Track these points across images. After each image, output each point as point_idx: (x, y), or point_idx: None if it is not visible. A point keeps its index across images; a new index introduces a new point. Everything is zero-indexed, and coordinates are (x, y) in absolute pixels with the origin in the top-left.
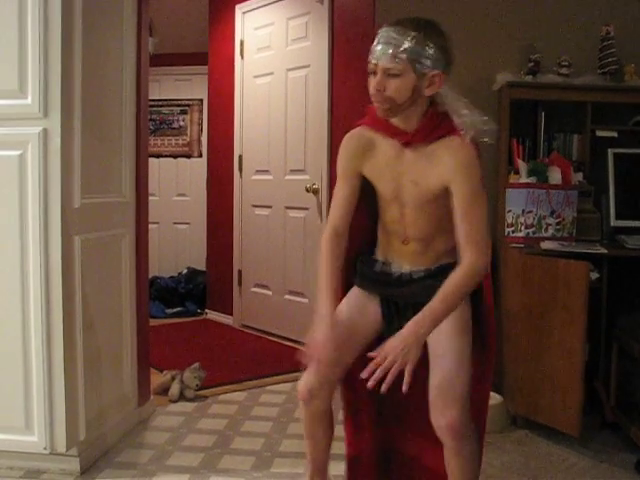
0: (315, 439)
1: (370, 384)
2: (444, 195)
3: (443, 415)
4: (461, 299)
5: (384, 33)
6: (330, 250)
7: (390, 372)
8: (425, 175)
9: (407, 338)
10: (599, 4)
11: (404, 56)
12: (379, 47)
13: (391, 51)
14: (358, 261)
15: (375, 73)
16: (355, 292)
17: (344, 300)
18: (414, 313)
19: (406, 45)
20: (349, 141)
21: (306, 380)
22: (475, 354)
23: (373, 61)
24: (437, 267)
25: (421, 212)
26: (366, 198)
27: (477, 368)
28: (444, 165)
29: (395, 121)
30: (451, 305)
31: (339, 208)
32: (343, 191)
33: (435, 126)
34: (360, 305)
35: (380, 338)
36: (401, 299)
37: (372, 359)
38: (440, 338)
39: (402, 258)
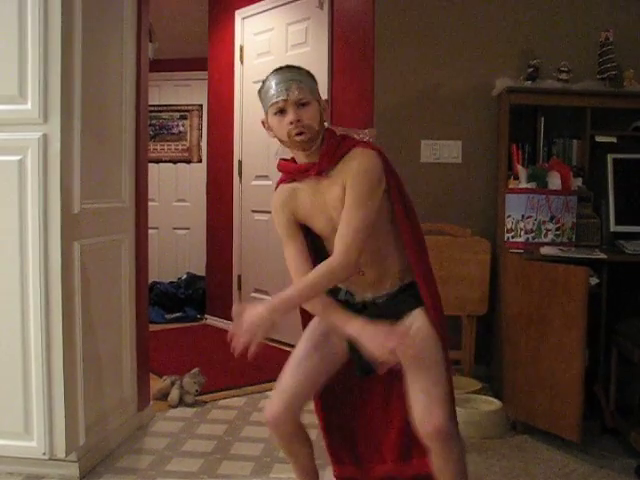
0: (295, 456)
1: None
2: None
3: (429, 421)
4: (316, 293)
5: (278, 76)
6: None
7: (238, 342)
8: (342, 195)
9: (262, 314)
10: (598, 10)
11: (306, 86)
12: (282, 85)
13: (296, 85)
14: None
15: (283, 111)
16: (317, 320)
17: (307, 330)
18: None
19: (303, 78)
20: (275, 200)
21: (269, 408)
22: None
23: (280, 98)
24: (398, 289)
25: None
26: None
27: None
28: (346, 172)
29: (302, 159)
30: (305, 296)
31: (296, 259)
32: (290, 250)
33: (337, 145)
34: (322, 330)
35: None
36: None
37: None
38: (418, 344)
39: (363, 288)
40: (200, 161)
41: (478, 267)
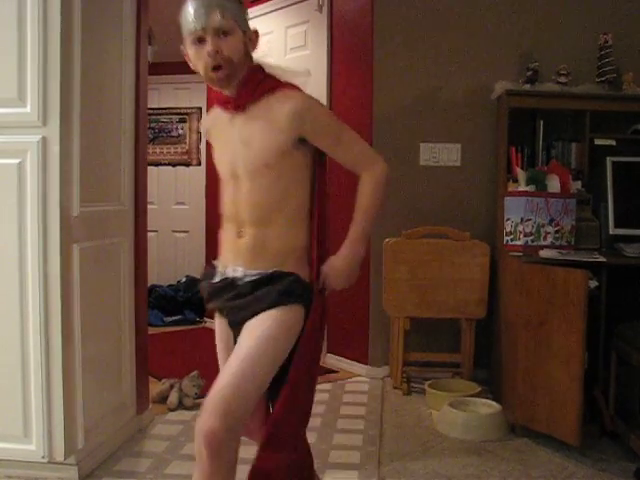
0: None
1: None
2: (286, 155)
3: (205, 421)
4: (378, 211)
5: (198, 1)
6: None
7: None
8: (259, 133)
9: (348, 257)
10: (597, 13)
11: (229, 14)
12: (201, 10)
13: (218, 11)
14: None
15: (201, 40)
16: (217, 316)
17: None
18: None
19: (227, 3)
20: (204, 119)
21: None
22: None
23: (199, 26)
24: (272, 272)
25: (256, 182)
26: None
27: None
28: (285, 115)
29: (225, 91)
30: (372, 218)
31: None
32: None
33: (259, 81)
34: (219, 330)
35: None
36: (240, 313)
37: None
38: (245, 338)
39: (237, 257)
40: (199, 164)
41: (477, 270)
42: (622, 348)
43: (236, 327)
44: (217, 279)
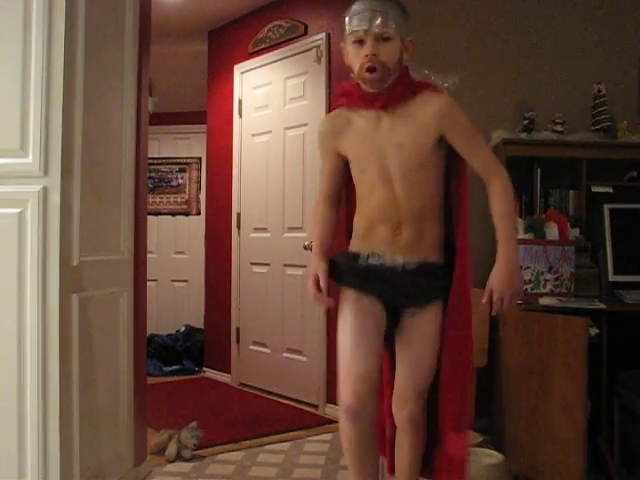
0: (366, 459)
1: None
2: (435, 153)
3: (405, 407)
4: (515, 217)
5: (365, 4)
6: (322, 213)
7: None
8: (409, 134)
9: (509, 262)
10: (590, 64)
11: (392, 21)
12: (366, 14)
13: (381, 17)
14: (337, 259)
15: (362, 42)
16: (350, 296)
17: (344, 307)
18: (411, 313)
19: (392, 10)
20: (324, 123)
21: (349, 397)
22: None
23: (361, 28)
24: (431, 262)
25: (412, 183)
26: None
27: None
28: (430, 115)
29: (371, 90)
30: (514, 222)
31: (327, 180)
32: (327, 166)
33: (409, 83)
34: (362, 309)
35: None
36: (397, 297)
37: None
38: (419, 338)
39: (395, 250)
40: (199, 213)
41: (477, 319)
42: (625, 396)
43: (391, 307)
44: (368, 263)
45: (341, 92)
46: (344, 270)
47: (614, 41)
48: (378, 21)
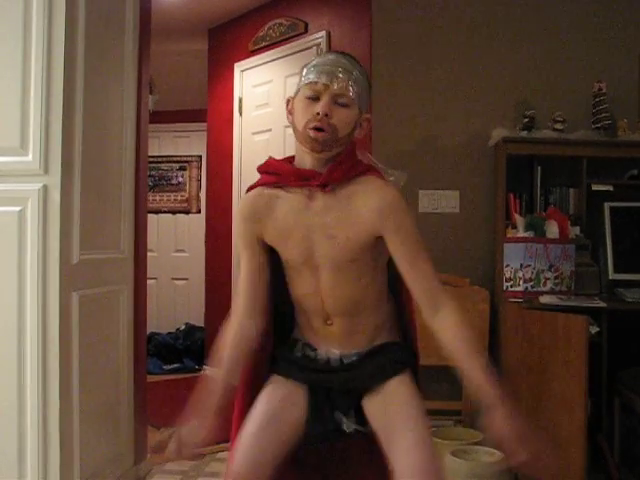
0: None
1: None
2: (370, 249)
3: None
4: (477, 347)
5: (333, 57)
6: (234, 332)
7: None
8: (344, 224)
9: (505, 408)
10: (590, 62)
11: (356, 86)
12: (332, 69)
13: (346, 77)
14: (275, 344)
15: (316, 99)
16: (275, 381)
17: (262, 394)
18: (348, 400)
19: (359, 77)
20: (244, 204)
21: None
22: None
23: (321, 81)
24: (371, 349)
25: (341, 276)
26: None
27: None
28: (370, 211)
29: (305, 164)
30: (480, 348)
31: (245, 291)
32: (247, 266)
33: (354, 163)
34: (281, 395)
35: (305, 435)
36: (333, 385)
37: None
38: (406, 425)
39: (328, 341)
40: (199, 212)
41: (477, 317)
42: (625, 394)
43: (339, 393)
44: (299, 353)
45: (270, 170)
46: (279, 358)
47: (614, 39)
48: (341, 80)
